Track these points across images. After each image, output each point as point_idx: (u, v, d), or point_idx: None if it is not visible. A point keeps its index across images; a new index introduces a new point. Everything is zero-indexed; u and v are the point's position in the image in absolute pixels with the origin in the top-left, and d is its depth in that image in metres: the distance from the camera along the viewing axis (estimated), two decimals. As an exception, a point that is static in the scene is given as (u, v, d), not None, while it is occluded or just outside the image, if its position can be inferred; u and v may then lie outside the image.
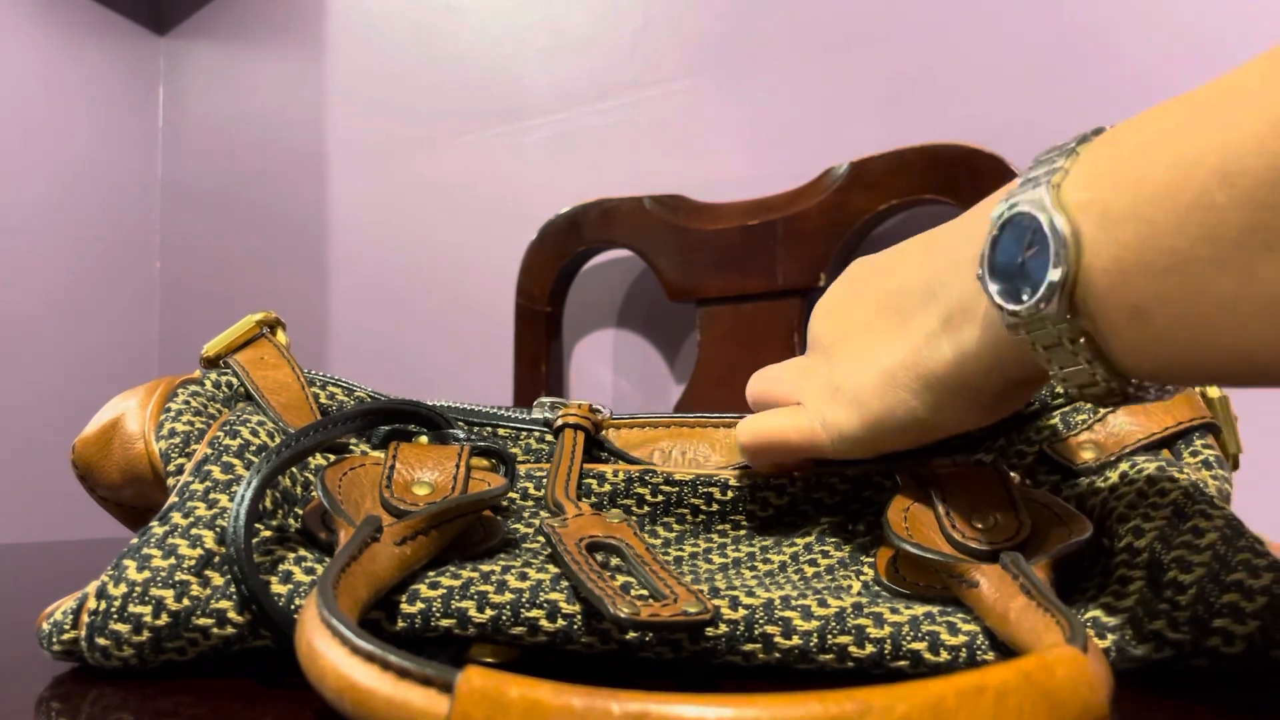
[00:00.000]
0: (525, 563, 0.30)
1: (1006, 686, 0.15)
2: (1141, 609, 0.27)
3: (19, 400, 1.46)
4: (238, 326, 0.38)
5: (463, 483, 0.32)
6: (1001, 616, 0.25)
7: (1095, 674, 0.16)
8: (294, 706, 0.26)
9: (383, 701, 0.17)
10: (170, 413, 0.34)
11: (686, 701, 0.15)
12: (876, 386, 0.30)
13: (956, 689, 0.15)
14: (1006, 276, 0.24)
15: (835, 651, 0.27)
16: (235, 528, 0.27)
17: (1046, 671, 0.16)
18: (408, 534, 0.28)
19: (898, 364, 0.30)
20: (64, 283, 1.53)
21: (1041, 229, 0.23)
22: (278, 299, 1.45)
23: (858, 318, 0.33)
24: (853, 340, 0.32)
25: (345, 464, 0.31)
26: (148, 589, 0.28)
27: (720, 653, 0.28)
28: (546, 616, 0.28)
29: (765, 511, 0.37)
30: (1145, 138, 0.22)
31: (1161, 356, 0.22)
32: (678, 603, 0.26)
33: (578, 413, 0.40)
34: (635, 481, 0.38)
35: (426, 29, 1.25)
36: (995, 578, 0.26)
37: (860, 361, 0.31)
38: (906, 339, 0.29)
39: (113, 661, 0.28)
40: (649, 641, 0.28)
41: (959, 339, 0.27)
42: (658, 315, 1.03)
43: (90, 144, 1.57)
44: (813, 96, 0.92)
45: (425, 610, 0.28)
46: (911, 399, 0.29)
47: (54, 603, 0.30)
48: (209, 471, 0.31)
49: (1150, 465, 0.32)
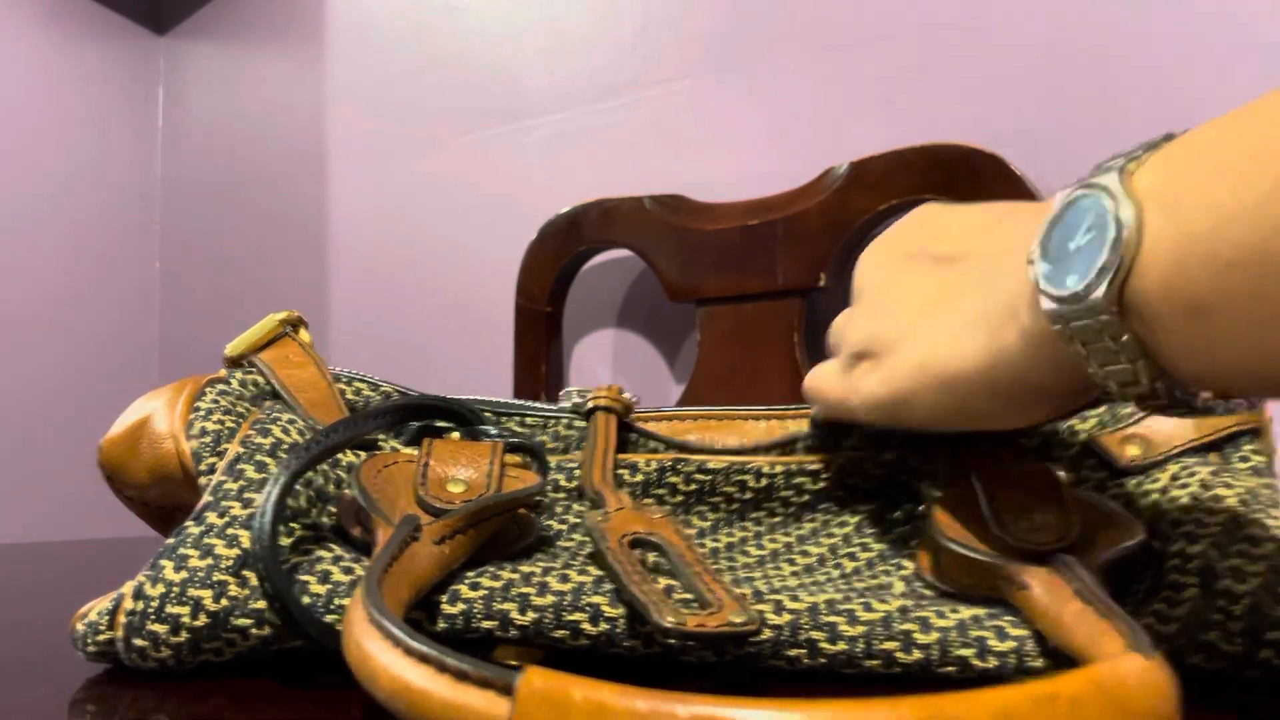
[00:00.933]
0: (565, 564, 0.30)
1: (1079, 695, 0.15)
2: (1194, 618, 0.26)
3: (19, 400, 1.46)
4: (260, 326, 0.38)
5: (498, 480, 0.31)
6: (1055, 620, 0.24)
7: (1165, 682, 0.16)
8: (329, 707, 0.26)
9: (440, 704, 0.16)
10: (200, 412, 0.34)
11: (753, 706, 0.14)
12: (908, 368, 0.29)
13: (1029, 696, 0.15)
14: (1058, 259, 0.23)
15: (881, 657, 0.27)
16: (261, 525, 0.27)
17: (1118, 680, 0.15)
18: (446, 533, 0.28)
19: (932, 351, 0.28)
20: (63, 282, 1.53)
21: (1104, 212, 0.22)
22: (277, 299, 1.45)
23: (905, 278, 0.31)
24: (895, 303, 0.31)
25: (379, 461, 0.31)
26: (185, 589, 0.28)
27: (764, 657, 0.28)
28: (589, 620, 0.28)
29: (801, 497, 0.37)
30: (1226, 128, 0.21)
31: (1219, 359, 0.21)
32: (723, 611, 0.26)
33: (608, 394, 0.40)
34: (668, 470, 0.37)
35: (426, 29, 1.25)
36: (1046, 580, 0.26)
37: (897, 331, 0.30)
38: (946, 324, 0.28)
39: (150, 663, 0.28)
40: (692, 646, 0.28)
41: (998, 336, 0.26)
42: (658, 315, 1.03)
43: (90, 144, 1.57)
44: (813, 96, 0.92)
45: (466, 611, 0.28)
46: (939, 390, 0.28)
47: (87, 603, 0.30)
48: (242, 470, 0.31)
49: (1203, 469, 0.31)
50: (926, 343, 0.28)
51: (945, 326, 0.28)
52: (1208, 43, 0.70)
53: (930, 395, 0.28)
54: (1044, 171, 0.75)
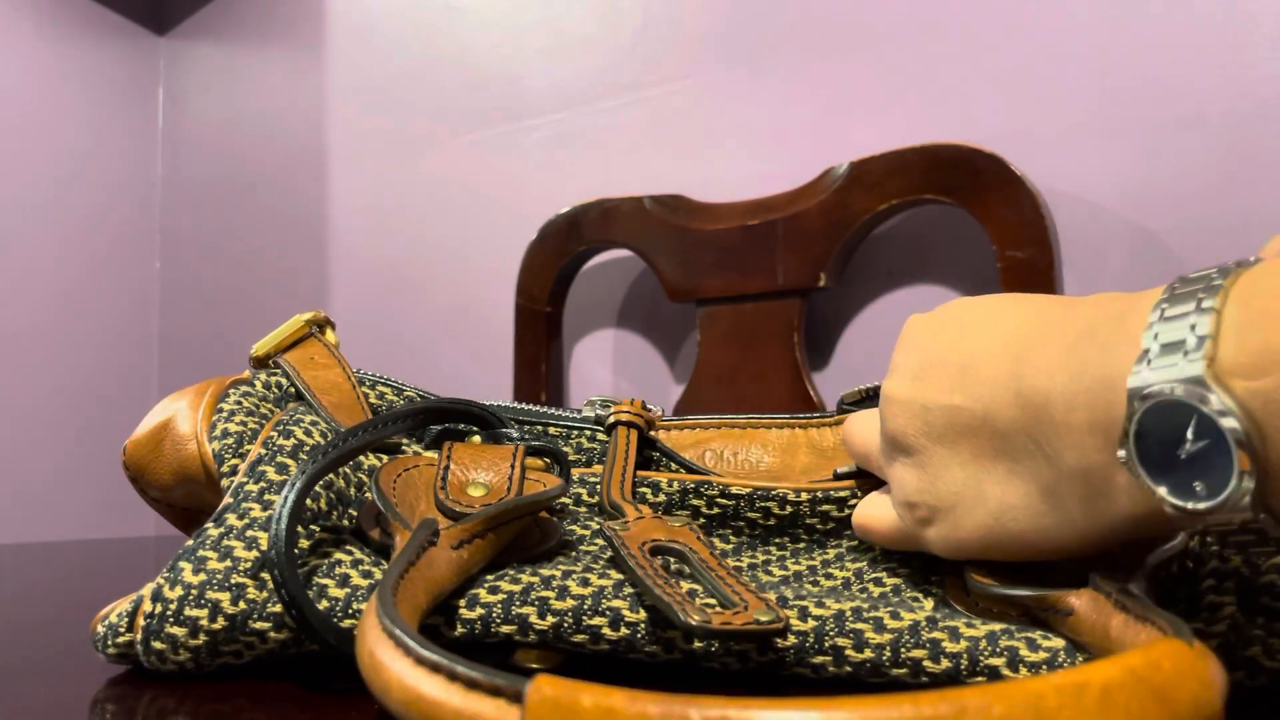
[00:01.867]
0: (586, 567, 0.30)
1: (1111, 683, 0.14)
2: (1234, 635, 0.26)
3: (18, 399, 1.46)
4: (286, 326, 0.38)
5: (518, 484, 0.31)
6: (1104, 636, 0.24)
7: (1206, 667, 0.15)
8: (348, 708, 0.26)
9: (452, 713, 0.16)
10: (223, 413, 0.34)
11: (768, 706, 0.14)
12: (980, 531, 0.27)
13: (1056, 687, 0.14)
14: (1167, 470, 0.21)
15: (909, 666, 0.26)
16: (277, 530, 0.27)
17: (1153, 666, 0.14)
18: (464, 537, 0.28)
19: (1000, 518, 0.27)
20: (63, 282, 1.52)
21: (1209, 421, 0.20)
22: (277, 298, 1.45)
23: (952, 444, 0.28)
24: (941, 463, 0.28)
25: (399, 464, 0.31)
26: (204, 592, 0.28)
27: (789, 664, 0.27)
28: (609, 624, 0.27)
29: (826, 525, 0.36)
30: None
31: None
32: (748, 610, 0.25)
33: (630, 409, 0.39)
34: (691, 493, 0.36)
35: (426, 29, 1.26)
36: (1090, 600, 0.25)
37: (952, 498, 0.28)
38: (1013, 486, 0.26)
39: (168, 665, 0.28)
40: (715, 651, 0.27)
41: (1094, 508, 0.24)
42: (658, 315, 1.03)
43: (90, 144, 1.57)
44: (813, 96, 0.92)
45: (485, 616, 0.27)
46: (1015, 550, 0.27)
47: (108, 605, 0.30)
48: (263, 472, 0.31)
49: None
50: (994, 506, 0.27)
51: (1012, 488, 0.26)
52: (1208, 42, 0.71)
53: (1003, 553, 0.28)
54: (1044, 171, 0.76)
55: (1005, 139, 0.78)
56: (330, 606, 0.28)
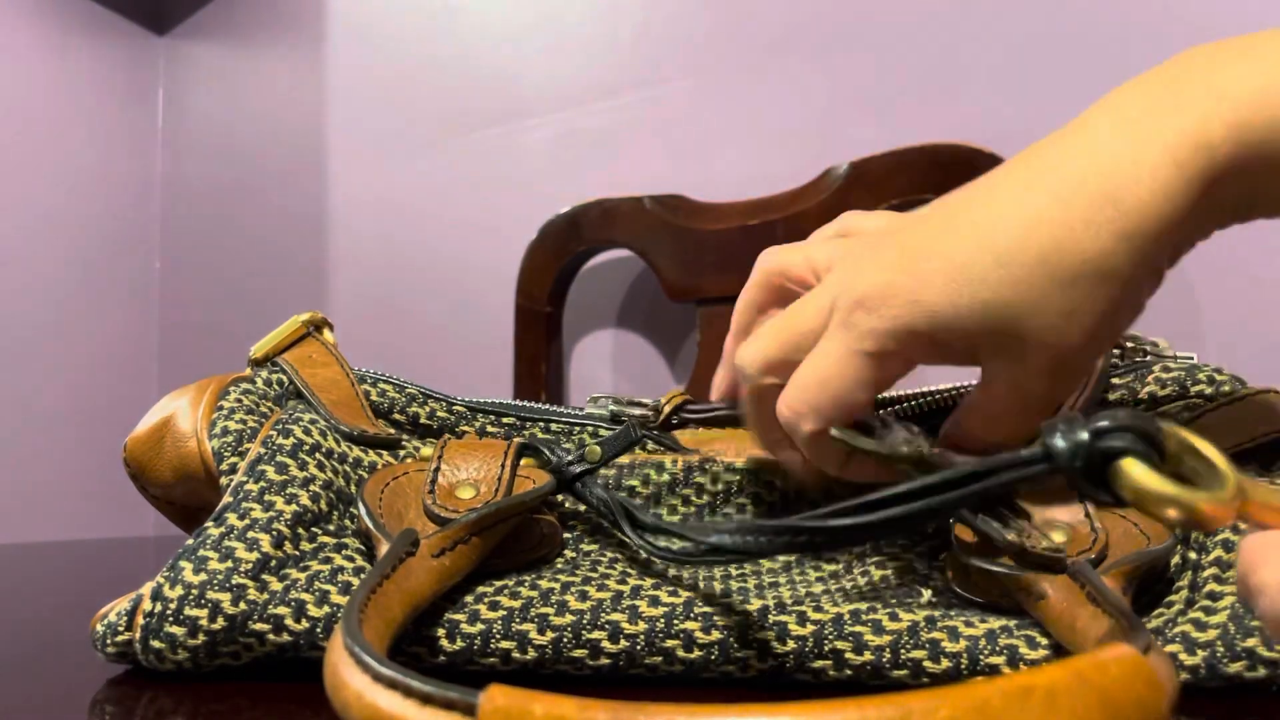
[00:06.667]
0: (585, 578, 0.30)
1: (1057, 686, 0.14)
2: (1234, 625, 0.26)
3: (18, 398, 1.46)
4: (284, 327, 0.38)
5: (507, 484, 0.31)
6: (1069, 627, 0.24)
7: (1153, 672, 0.15)
8: None
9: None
10: (223, 411, 0.34)
11: (716, 712, 0.14)
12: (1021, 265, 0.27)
13: (1003, 690, 0.14)
14: None
15: (909, 667, 0.26)
16: None
17: (1100, 670, 0.15)
18: (446, 545, 0.28)
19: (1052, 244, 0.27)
20: (63, 282, 1.52)
21: None
22: (277, 298, 1.45)
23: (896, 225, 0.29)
24: (905, 226, 0.29)
25: (386, 474, 0.31)
26: (204, 592, 0.28)
27: (789, 670, 0.27)
28: (609, 638, 0.27)
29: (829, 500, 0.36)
30: None
31: None
32: None
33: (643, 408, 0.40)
34: (695, 470, 0.36)
35: (426, 29, 1.26)
36: (1064, 588, 0.25)
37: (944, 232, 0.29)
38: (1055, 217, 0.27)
39: (167, 665, 0.28)
40: (714, 660, 0.27)
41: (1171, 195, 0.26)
42: (658, 315, 1.03)
43: (90, 144, 1.57)
44: (813, 96, 0.93)
45: (485, 632, 0.27)
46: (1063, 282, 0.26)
47: (108, 604, 0.30)
48: (263, 472, 0.31)
49: None
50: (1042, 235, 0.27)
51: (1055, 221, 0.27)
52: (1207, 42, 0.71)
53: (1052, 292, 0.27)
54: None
55: (1005, 139, 0.78)
56: (331, 613, 0.28)
